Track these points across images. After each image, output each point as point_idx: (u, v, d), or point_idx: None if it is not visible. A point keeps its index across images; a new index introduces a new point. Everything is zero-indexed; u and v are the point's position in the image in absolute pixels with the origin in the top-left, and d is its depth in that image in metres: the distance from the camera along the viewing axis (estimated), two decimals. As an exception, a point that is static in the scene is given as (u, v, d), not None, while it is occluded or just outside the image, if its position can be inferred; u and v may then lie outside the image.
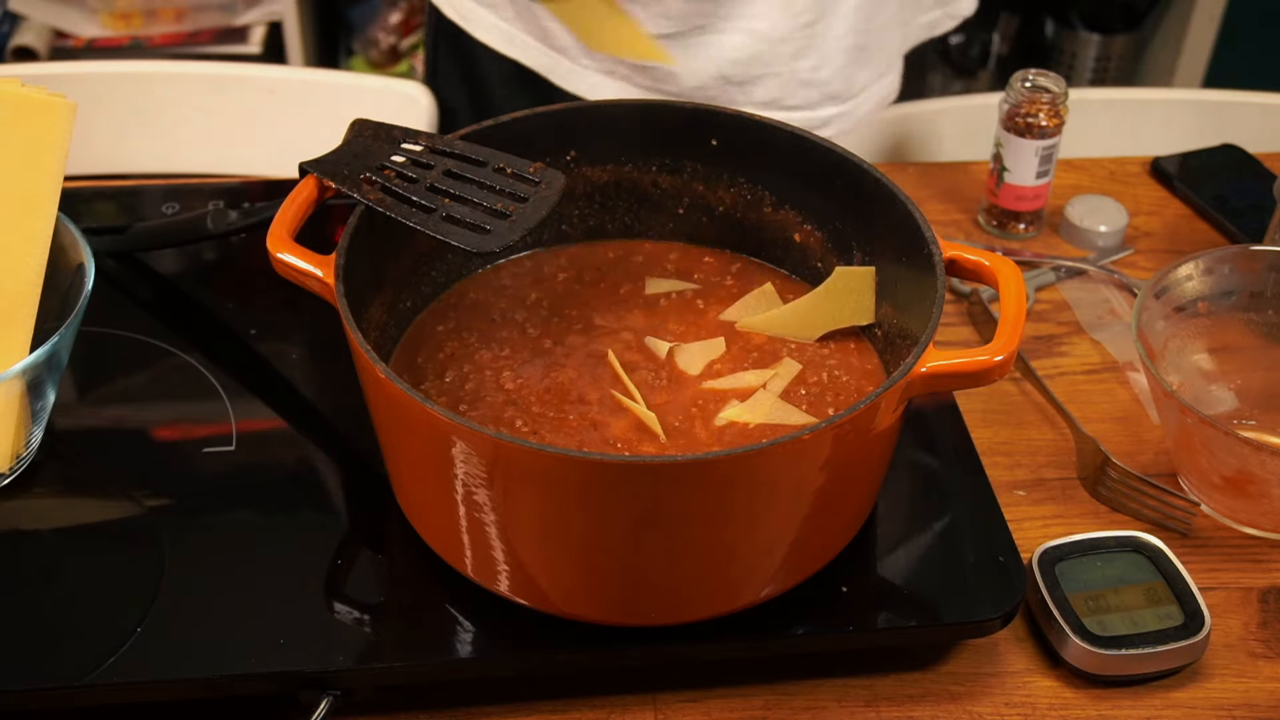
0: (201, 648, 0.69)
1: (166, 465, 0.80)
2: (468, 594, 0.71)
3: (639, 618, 0.69)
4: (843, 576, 0.73)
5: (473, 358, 0.77)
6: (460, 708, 0.71)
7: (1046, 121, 1.00)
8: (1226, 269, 0.86)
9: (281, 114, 1.32)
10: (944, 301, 0.68)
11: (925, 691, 0.73)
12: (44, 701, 0.68)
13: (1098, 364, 0.94)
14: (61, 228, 0.79)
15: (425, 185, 0.72)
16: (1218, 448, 0.78)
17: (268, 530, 0.76)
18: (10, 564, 0.73)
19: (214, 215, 0.89)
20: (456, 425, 0.61)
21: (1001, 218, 1.05)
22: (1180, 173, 1.11)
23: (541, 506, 0.64)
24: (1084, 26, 2.19)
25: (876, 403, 0.63)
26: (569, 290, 0.83)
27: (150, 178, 1.25)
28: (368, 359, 0.64)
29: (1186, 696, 0.73)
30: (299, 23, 2.01)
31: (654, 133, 0.82)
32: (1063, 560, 0.76)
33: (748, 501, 0.63)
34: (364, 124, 0.76)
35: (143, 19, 2.05)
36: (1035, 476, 0.85)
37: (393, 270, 0.76)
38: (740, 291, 0.83)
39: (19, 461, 0.77)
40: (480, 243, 0.70)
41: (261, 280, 0.87)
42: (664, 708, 0.71)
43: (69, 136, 0.77)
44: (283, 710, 0.69)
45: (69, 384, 0.85)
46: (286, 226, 0.70)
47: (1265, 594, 0.78)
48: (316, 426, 0.83)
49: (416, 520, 0.72)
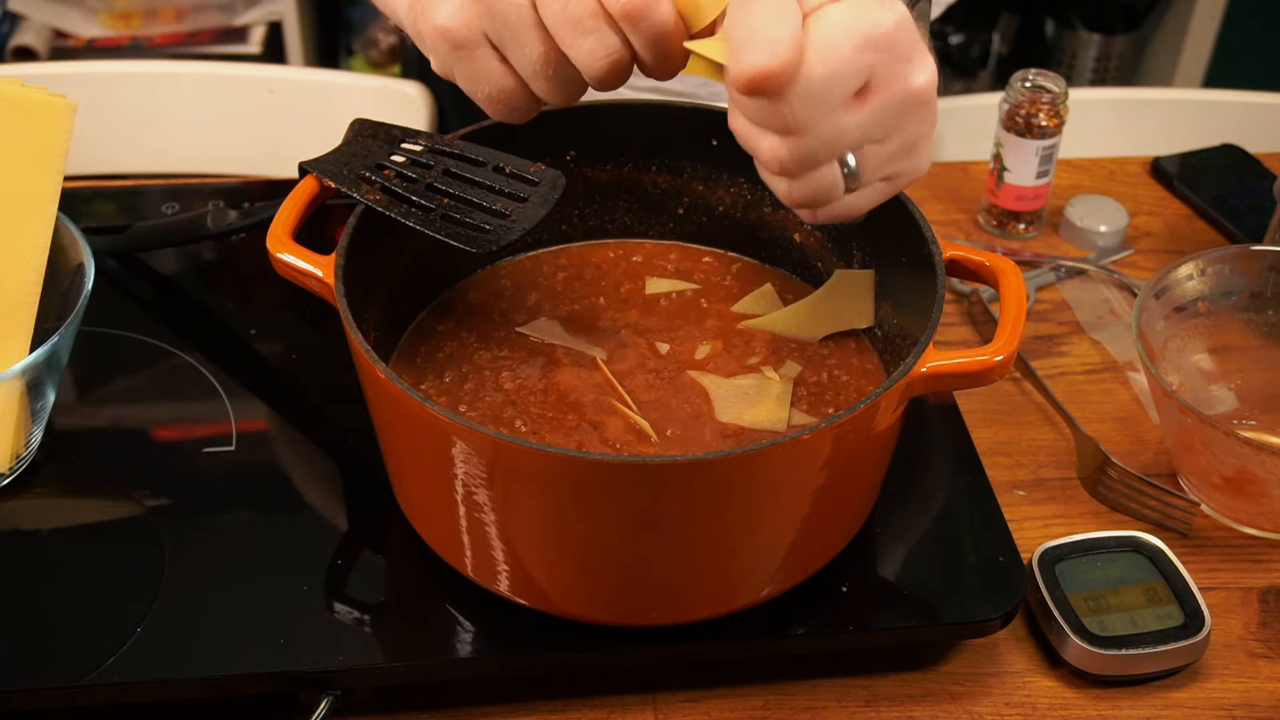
0: (201, 648, 0.69)
1: (166, 465, 0.80)
2: (467, 594, 0.71)
3: (639, 618, 0.69)
4: (843, 576, 0.73)
5: (472, 358, 0.77)
6: (460, 708, 0.71)
7: (1046, 121, 1.00)
8: (1226, 269, 0.86)
9: (281, 114, 1.32)
10: (944, 301, 0.68)
11: (925, 691, 0.73)
12: (44, 701, 0.68)
13: (1098, 364, 0.94)
14: (61, 228, 0.79)
15: (425, 185, 0.72)
16: (1218, 448, 0.78)
17: (268, 530, 0.76)
18: (10, 564, 0.73)
19: (214, 215, 0.89)
20: (456, 425, 0.61)
21: (1001, 218, 1.05)
22: (1180, 173, 1.11)
23: (541, 506, 0.64)
24: (1084, 26, 2.19)
25: (876, 403, 0.63)
26: (569, 290, 0.83)
27: (150, 178, 1.25)
28: (368, 359, 0.64)
29: (1186, 696, 0.73)
30: (299, 23, 2.01)
31: (654, 133, 0.82)
32: (1063, 560, 0.76)
33: (747, 501, 0.63)
34: (364, 124, 0.76)
35: (143, 19, 2.05)
36: (1035, 476, 0.85)
37: (393, 270, 0.76)
38: (740, 292, 0.83)
39: (19, 461, 0.77)
40: (480, 242, 0.70)
41: (261, 280, 0.87)
42: (664, 708, 0.72)
43: (69, 136, 0.77)
44: (283, 710, 0.69)
45: (69, 384, 0.85)
46: (286, 226, 0.70)
47: (1265, 594, 0.78)
48: (316, 426, 0.83)
49: (416, 520, 0.72)
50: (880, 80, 0.60)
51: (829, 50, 0.58)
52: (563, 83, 0.63)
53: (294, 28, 2.02)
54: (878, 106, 0.60)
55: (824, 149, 0.60)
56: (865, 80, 0.59)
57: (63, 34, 2.04)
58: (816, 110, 0.59)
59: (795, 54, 0.57)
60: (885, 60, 0.59)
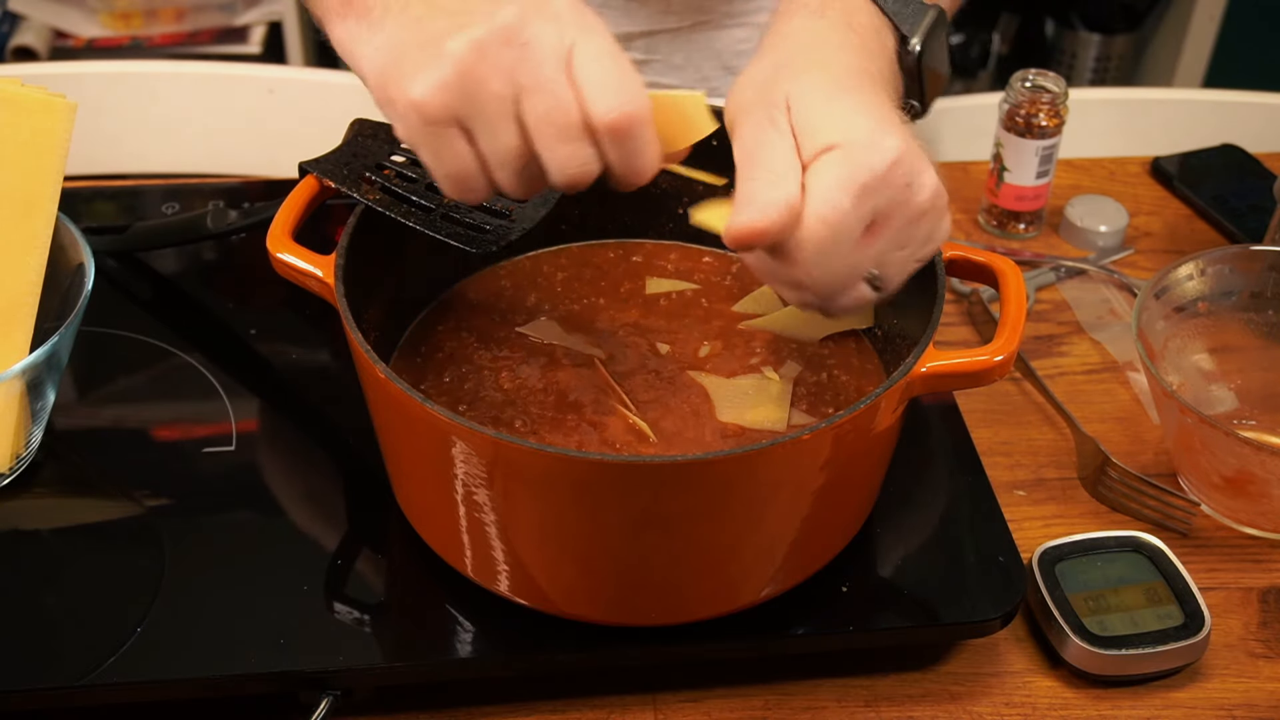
0: (201, 648, 0.69)
1: (166, 465, 0.80)
2: (467, 594, 0.71)
3: (639, 618, 0.69)
4: (843, 576, 0.73)
5: (472, 358, 0.77)
6: (460, 708, 0.71)
7: (1046, 121, 1.00)
8: (1226, 269, 0.86)
9: (281, 114, 1.32)
10: (944, 301, 0.68)
11: (925, 691, 0.73)
12: (44, 701, 0.68)
13: (1098, 364, 0.94)
14: (61, 228, 0.79)
15: (425, 185, 0.72)
16: (1218, 448, 0.78)
17: (268, 530, 0.76)
18: (10, 564, 0.73)
19: (214, 215, 0.89)
20: (456, 425, 0.61)
21: (1001, 218, 1.05)
22: (1180, 173, 1.11)
23: (541, 507, 0.64)
24: (1084, 26, 2.19)
25: (876, 403, 0.63)
26: (569, 290, 0.82)
27: (150, 178, 1.25)
28: (368, 359, 0.64)
29: (1186, 696, 0.73)
30: (299, 23, 2.01)
31: (654, 132, 0.82)
32: (1063, 560, 0.76)
33: (747, 501, 0.63)
34: (364, 124, 0.76)
35: (143, 19, 2.05)
36: (1035, 476, 0.85)
37: (393, 270, 0.76)
38: (740, 292, 0.83)
39: (19, 461, 0.77)
40: (480, 243, 0.70)
41: (261, 280, 0.87)
42: (664, 708, 0.72)
43: (69, 136, 0.77)
44: (283, 710, 0.69)
45: (69, 384, 0.85)
46: (286, 226, 0.70)
47: (1265, 594, 0.78)
48: (316, 426, 0.83)
49: (416, 520, 0.72)
50: (885, 215, 0.62)
51: (828, 210, 0.60)
52: (526, 178, 0.61)
53: (294, 28, 2.02)
54: (888, 236, 0.63)
55: (843, 283, 0.63)
56: (871, 220, 0.62)
57: (63, 34, 2.04)
58: (828, 262, 0.61)
59: (788, 216, 0.60)
60: (886, 197, 0.61)
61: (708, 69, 1.04)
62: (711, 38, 1.03)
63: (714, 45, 1.03)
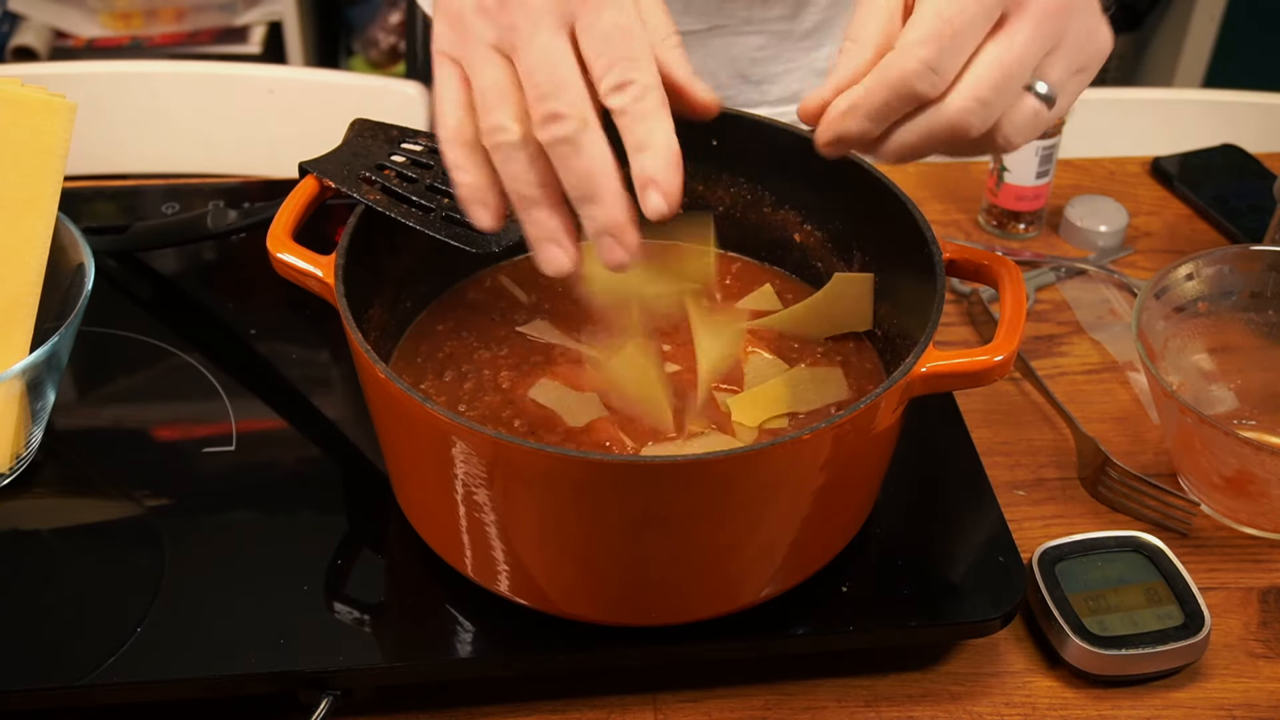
0: (201, 648, 0.69)
1: (166, 465, 0.80)
2: (467, 594, 0.71)
3: (639, 618, 0.69)
4: (843, 576, 0.73)
5: (472, 358, 0.77)
6: (460, 708, 0.71)
7: (1046, 121, 1.00)
8: (1226, 269, 0.86)
9: (281, 114, 1.32)
10: (944, 302, 0.68)
11: (925, 691, 0.73)
12: (44, 701, 0.68)
13: (1098, 364, 0.94)
14: (61, 228, 0.79)
15: (425, 185, 0.72)
16: (1218, 448, 0.78)
17: (268, 530, 0.76)
18: (10, 564, 0.73)
19: (214, 215, 0.89)
20: (456, 425, 0.61)
21: (1001, 218, 1.05)
22: (1180, 173, 1.11)
23: (541, 506, 0.64)
24: (1084, 26, 2.19)
25: (876, 403, 0.63)
26: (569, 290, 0.82)
27: (150, 178, 1.25)
28: (368, 359, 0.64)
29: (1186, 696, 0.73)
30: (299, 23, 2.01)
31: (654, 133, 0.82)
32: (1063, 560, 0.76)
33: (747, 501, 0.63)
34: (364, 124, 0.76)
35: (143, 19, 2.05)
36: (1035, 476, 0.85)
37: (393, 270, 0.76)
38: (740, 292, 0.83)
39: (19, 461, 0.77)
40: (480, 243, 0.70)
41: (261, 280, 0.87)
42: (664, 708, 0.72)
43: (69, 136, 0.77)
44: (283, 710, 0.69)
45: (69, 384, 0.85)
46: (286, 226, 0.70)
47: (1265, 594, 0.78)
48: (316, 426, 0.83)
49: (416, 520, 0.72)
50: (1015, 3, 0.59)
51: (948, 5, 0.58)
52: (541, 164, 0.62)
53: (294, 28, 2.02)
54: (1028, 31, 0.59)
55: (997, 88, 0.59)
56: (1000, 12, 0.59)
57: (63, 34, 2.04)
58: (956, 61, 0.58)
59: None
60: None
61: (723, 76, 1.04)
62: (729, 44, 1.02)
63: (730, 51, 1.03)
